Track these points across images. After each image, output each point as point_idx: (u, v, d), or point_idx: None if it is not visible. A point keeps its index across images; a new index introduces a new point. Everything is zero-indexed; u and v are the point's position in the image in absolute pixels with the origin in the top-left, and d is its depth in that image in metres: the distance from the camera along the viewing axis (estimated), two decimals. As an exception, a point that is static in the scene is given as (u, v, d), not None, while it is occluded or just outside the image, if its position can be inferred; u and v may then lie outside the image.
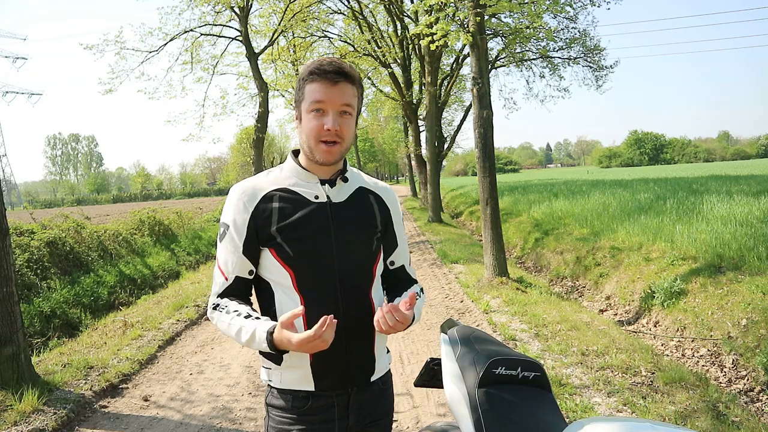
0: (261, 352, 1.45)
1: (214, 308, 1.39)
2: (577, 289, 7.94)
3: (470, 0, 7.00)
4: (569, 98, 20.68)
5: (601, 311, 6.73)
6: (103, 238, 10.31)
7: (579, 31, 18.14)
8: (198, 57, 13.80)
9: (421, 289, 1.60)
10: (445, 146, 19.60)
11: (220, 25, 13.60)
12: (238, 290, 1.41)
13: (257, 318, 1.31)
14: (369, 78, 19.94)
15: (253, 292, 1.51)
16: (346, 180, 1.45)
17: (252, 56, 13.23)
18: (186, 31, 13.12)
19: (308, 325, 1.30)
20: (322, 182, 1.42)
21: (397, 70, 18.55)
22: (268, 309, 1.41)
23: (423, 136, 18.26)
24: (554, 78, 19.70)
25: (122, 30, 12.87)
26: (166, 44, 13.18)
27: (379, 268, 1.50)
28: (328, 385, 1.39)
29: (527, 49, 18.55)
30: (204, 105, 14.51)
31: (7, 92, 76.60)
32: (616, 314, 6.49)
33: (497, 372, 1.36)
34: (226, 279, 1.40)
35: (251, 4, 13.11)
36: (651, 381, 3.80)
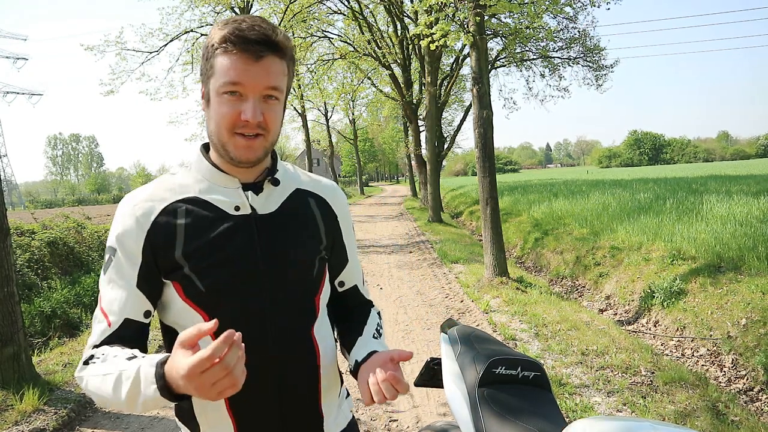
0: (176, 412, 1.15)
1: (86, 363, 0.96)
2: (577, 289, 7.95)
3: (470, 0, 7.01)
4: (569, 98, 20.71)
5: (601, 311, 6.74)
6: (103, 238, 10.32)
7: (579, 31, 18.18)
8: (198, 58, 13.81)
9: (379, 314, 1.28)
10: (445, 146, 19.61)
11: (221, 25, 13.61)
12: (126, 339, 1.00)
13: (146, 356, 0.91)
14: (369, 78, 19.97)
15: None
16: (276, 182, 1.09)
17: (252, 56, 13.24)
18: (186, 32, 13.16)
19: None
20: (245, 187, 1.06)
21: (397, 71, 18.57)
22: None
23: (423, 136, 18.27)
24: (554, 78, 19.74)
25: (123, 30, 12.94)
26: (166, 45, 13.22)
27: (325, 296, 1.16)
28: None
29: (527, 49, 18.57)
30: (204, 105, 14.55)
31: (7, 92, 76.67)
32: (615, 314, 6.49)
33: (497, 371, 1.37)
34: (110, 324, 0.99)
35: (251, 5, 13.14)
36: (651, 380, 3.81)
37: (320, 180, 1.21)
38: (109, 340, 0.99)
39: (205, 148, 1.10)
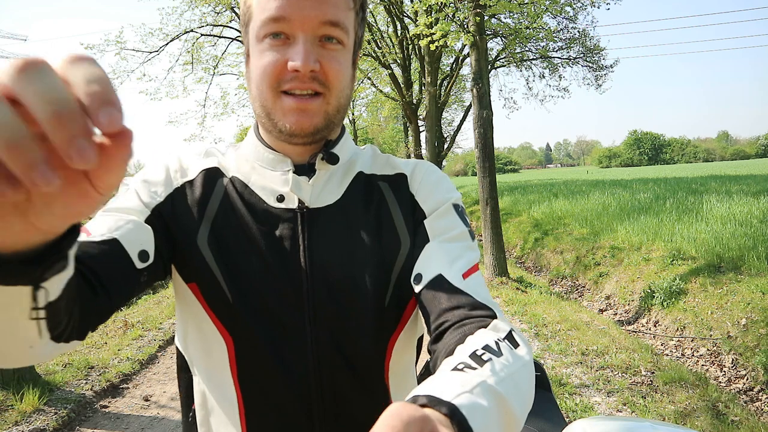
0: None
1: None
2: (577, 289, 7.95)
3: (470, 0, 7.01)
4: (569, 98, 20.71)
5: (601, 311, 6.74)
6: (103, 238, 10.33)
7: (579, 32, 18.21)
8: (199, 58, 13.83)
9: (511, 335, 0.63)
10: (445, 146, 19.61)
11: (221, 25, 13.62)
12: (98, 257, 0.62)
13: None
14: (369, 78, 19.97)
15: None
16: (334, 159, 0.76)
17: (252, 56, 13.24)
18: (186, 32, 13.14)
19: (248, 425, 0.74)
20: (299, 171, 0.76)
21: (397, 71, 18.58)
22: (187, 405, 0.81)
23: (423, 136, 18.28)
24: (554, 78, 19.76)
25: (123, 30, 12.91)
26: (166, 45, 13.20)
27: (407, 338, 0.80)
28: None
29: (527, 49, 18.59)
30: (205, 105, 14.56)
31: (7, 92, 76.79)
32: (615, 314, 6.49)
33: (497, 371, 1.36)
34: (89, 233, 0.64)
35: (251, 5, 13.14)
36: (651, 380, 3.81)
37: (398, 161, 0.83)
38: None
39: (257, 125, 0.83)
